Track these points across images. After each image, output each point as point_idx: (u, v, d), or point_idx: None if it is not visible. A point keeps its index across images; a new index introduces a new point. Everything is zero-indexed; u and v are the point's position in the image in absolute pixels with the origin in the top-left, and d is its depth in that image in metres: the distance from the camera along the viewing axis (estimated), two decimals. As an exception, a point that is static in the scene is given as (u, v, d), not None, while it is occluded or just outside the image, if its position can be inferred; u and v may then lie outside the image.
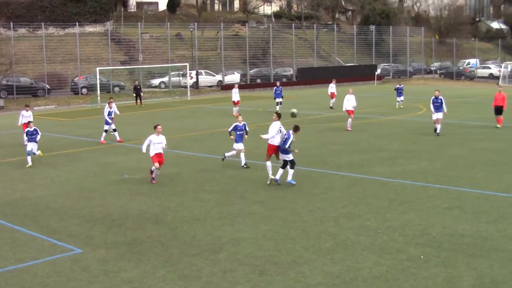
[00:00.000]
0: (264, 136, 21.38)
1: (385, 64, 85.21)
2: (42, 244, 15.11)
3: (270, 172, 21.08)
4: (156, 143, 21.48)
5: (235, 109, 41.77)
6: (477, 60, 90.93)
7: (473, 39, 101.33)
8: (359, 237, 15.06)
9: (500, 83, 75.16)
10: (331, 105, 46.00)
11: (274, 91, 43.68)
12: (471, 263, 13.22)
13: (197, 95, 62.35)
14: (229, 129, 24.16)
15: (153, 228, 16.22)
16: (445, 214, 17.07)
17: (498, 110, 34.27)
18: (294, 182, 20.59)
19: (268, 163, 21.22)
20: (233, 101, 42.11)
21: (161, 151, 21.65)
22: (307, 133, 31.63)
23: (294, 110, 23.73)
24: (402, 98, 45.66)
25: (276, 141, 20.99)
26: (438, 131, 30.90)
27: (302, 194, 19.53)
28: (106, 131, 30.96)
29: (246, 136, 24.25)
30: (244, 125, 24.15)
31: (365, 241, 14.78)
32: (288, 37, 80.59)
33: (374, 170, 23.12)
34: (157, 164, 21.42)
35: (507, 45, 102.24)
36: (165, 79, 67.27)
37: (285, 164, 20.83)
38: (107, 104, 31.54)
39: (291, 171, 20.67)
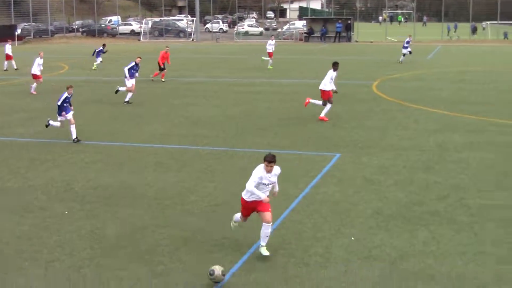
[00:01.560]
0: None
1: (26, 24, 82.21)
2: None
3: None
4: None
5: None
6: (119, 17, 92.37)
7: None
8: (-1, 201, 14.57)
9: (141, 39, 77.56)
10: (5, 68, 43.45)
11: None
12: (115, 213, 13.57)
13: None
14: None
15: None
16: (89, 168, 17.24)
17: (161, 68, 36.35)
18: None
19: None
20: None
21: None
22: None
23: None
24: (101, 59, 44.16)
25: None
26: (127, 99, 28.53)
27: None
28: None
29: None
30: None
31: (7, 203, 14.33)
32: None
33: (16, 131, 22.42)
34: None
35: (147, 2, 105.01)
36: None
37: None
38: None
39: None
